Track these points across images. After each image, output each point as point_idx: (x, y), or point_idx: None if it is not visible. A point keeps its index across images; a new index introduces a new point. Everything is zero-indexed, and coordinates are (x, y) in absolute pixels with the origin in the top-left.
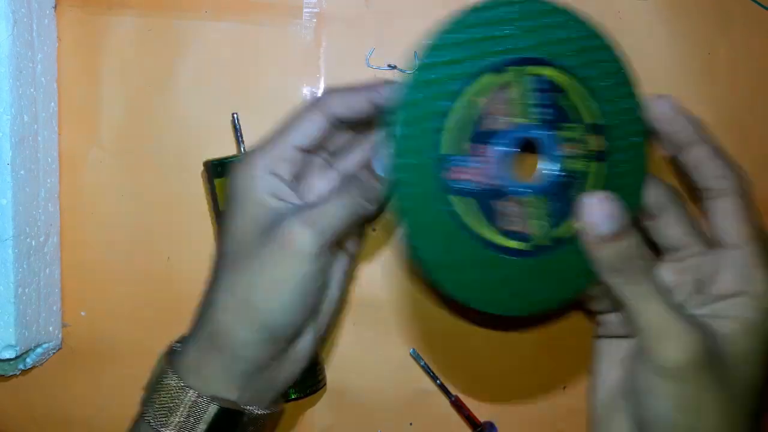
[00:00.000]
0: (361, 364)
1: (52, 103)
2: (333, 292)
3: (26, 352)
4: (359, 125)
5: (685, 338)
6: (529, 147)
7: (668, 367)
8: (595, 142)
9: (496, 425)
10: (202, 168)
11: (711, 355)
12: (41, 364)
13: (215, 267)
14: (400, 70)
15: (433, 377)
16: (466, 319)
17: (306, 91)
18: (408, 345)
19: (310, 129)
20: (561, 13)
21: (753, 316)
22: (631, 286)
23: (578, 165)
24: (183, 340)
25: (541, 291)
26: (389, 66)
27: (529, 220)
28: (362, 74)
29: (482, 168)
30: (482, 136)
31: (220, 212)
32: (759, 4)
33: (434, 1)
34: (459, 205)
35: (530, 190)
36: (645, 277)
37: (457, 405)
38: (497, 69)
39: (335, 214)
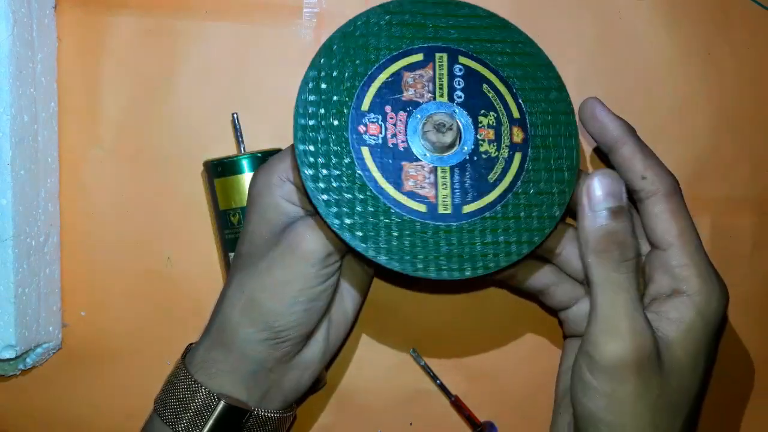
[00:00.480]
0: (361, 364)
1: (52, 103)
2: (346, 303)
3: (26, 352)
4: None
5: (637, 340)
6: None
7: (608, 365)
8: (518, 134)
9: (496, 425)
10: (202, 168)
11: (654, 362)
12: (41, 364)
13: (232, 266)
14: None
15: (433, 377)
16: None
17: None
18: (408, 345)
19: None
20: (495, 18)
21: (691, 317)
22: (609, 272)
23: (492, 150)
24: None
25: (448, 259)
26: None
27: (434, 187)
28: None
29: (396, 130)
30: (402, 104)
31: (220, 212)
32: (759, 4)
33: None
34: (368, 159)
35: (438, 161)
36: (630, 266)
37: (457, 405)
38: (426, 52)
39: None
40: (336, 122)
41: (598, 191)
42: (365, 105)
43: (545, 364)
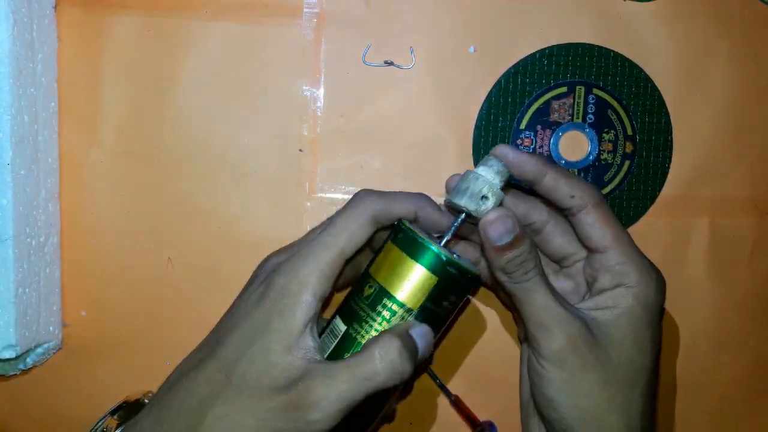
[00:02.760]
0: None
1: (53, 104)
2: None
3: (26, 352)
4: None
5: (563, 325)
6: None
7: (547, 352)
8: (629, 147)
9: (496, 425)
10: (202, 168)
11: (588, 340)
12: (41, 364)
13: (212, 379)
14: (397, 67)
15: (433, 377)
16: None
17: (306, 91)
18: None
19: (361, 238)
20: (622, 58)
21: (629, 303)
22: (518, 284)
23: (609, 158)
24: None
25: None
26: (386, 62)
27: None
28: (362, 74)
29: (542, 142)
30: (549, 124)
31: (365, 272)
32: (762, 0)
33: (434, 2)
34: None
35: (570, 165)
36: (532, 274)
37: (457, 405)
38: (568, 86)
39: (370, 388)
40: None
41: (494, 231)
42: (522, 124)
43: None
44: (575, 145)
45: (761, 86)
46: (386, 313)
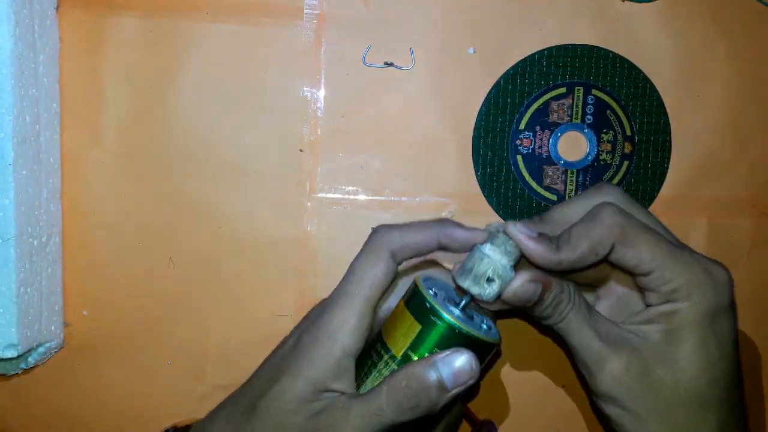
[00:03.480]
0: None
1: (54, 104)
2: None
3: (28, 352)
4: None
5: (606, 363)
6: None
7: (596, 390)
8: (627, 147)
9: (496, 425)
10: (202, 168)
11: (635, 370)
12: (43, 364)
13: (243, 414)
14: (397, 67)
15: None
16: None
17: (306, 91)
18: None
19: (384, 280)
20: (621, 59)
21: (684, 317)
22: (556, 324)
23: (608, 158)
24: None
25: None
26: (386, 63)
27: (564, 184)
28: (361, 74)
29: (541, 143)
30: (548, 124)
31: (379, 334)
32: (761, 1)
33: (434, 2)
34: (521, 163)
35: (569, 165)
36: (566, 312)
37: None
38: (568, 86)
39: (382, 426)
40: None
41: (516, 302)
42: (522, 125)
43: (545, 363)
44: (574, 145)
45: (760, 86)
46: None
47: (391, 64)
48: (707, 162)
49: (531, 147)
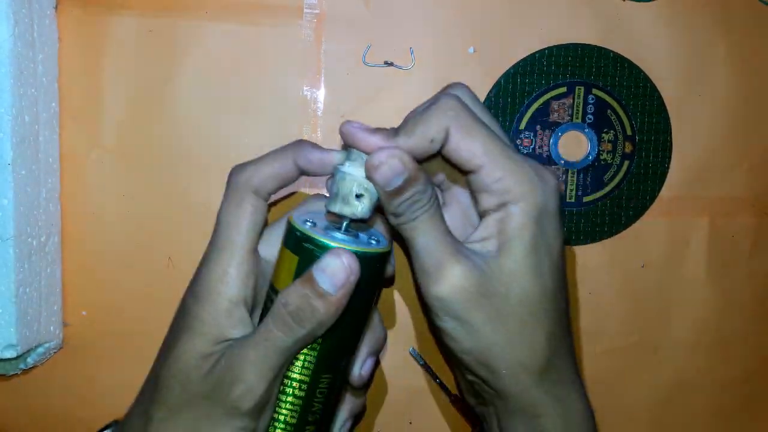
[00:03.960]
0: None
1: (53, 104)
2: None
3: (27, 352)
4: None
5: (446, 268)
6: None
7: (432, 300)
8: (628, 147)
9: None
10: (201, 168)
11: (472, 279)
12: (42, 364)
13: (148, 391)
14: (397, 67)
15: (433, 376)
16: None
17: (306, 91)
18: (407, 344)
19: (256, 221)
20: (621, 59)
21: (515, 223)
22: (406, 224)
23: (609, 158)
24: None
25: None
26: (385, 63)
27: (565, 183)
28: (361, 74)
29: (542, 143)
30: (549, 124)
31: (270, 282)
32: (761, 1)
33: (434, 2)
34: None
35: (570, 165)
36: (421, 212)
37: (457, 403)
38: (568, 86)
39: (277, 350)
40: None
41: (379, 179)
42: (522, 125)
43: None
44: (575, 145)
45: (761, 86)
46: None
47: (391, 64)
48: (708, 162)
49: (531, 147)
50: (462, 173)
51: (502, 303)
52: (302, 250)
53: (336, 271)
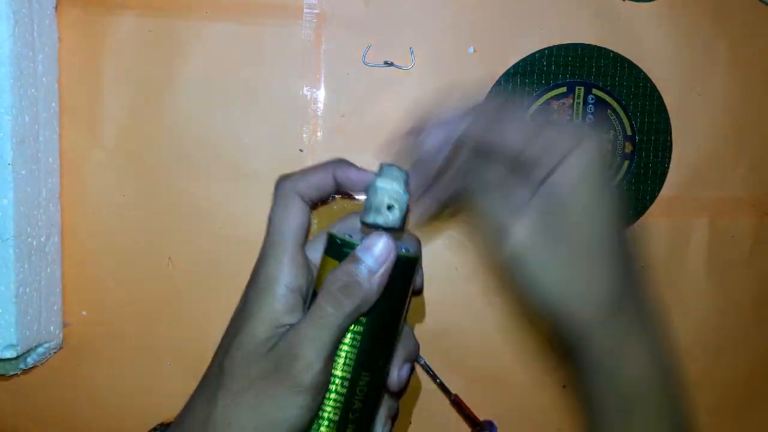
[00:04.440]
0: None
1: (53, 104)
2: None
3: (27, 352)
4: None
5: (519, 224)
6: None
7: (512, 249)
8: (628, 147)
9: (496, 424)
10: (201, 168)
11: (541, 226)
12: (42, 364)
13: (211, 379)
14: (397, 67)
15: (433, 376)
16: None
17: (306, 91)
18: None
19: (303, 220)
20: (621, 58)
21: (566, 182)
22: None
23: (609, 158)
24: None
25: None
26: (385, 63)
27: None
28: (361, 74)
29: None
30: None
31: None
32: (762, 1)
33: (434, 2)
34: None
35: None
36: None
37: (457, 403)
38: (568, 86)
39: (330, 326)
40: None
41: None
42: None
43: (545, 363)
44: None
45: (761, 86)
46: None
47: (391, 64)
48: (708, 162)
49: None
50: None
51: (567, 239)
52: (342, 255)
53: (378, 249)
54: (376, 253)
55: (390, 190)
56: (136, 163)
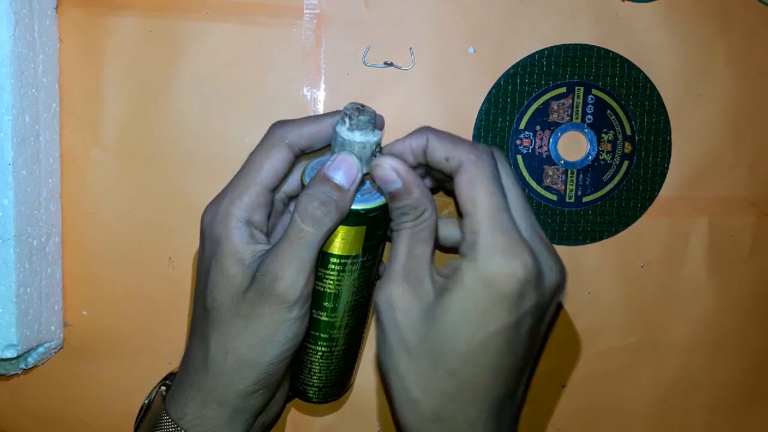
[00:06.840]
0: (361, 364)
1: (54, 104)
2: None
3: (28, 352)
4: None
5: (394, 288)
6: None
7: (375, 300)
8: (628, 147)
9: None
10: (201, 168)
11: (425, 312)
12: (43, 364)
13: (198, 322)
14: (397, 67)
15: None
16: None
17: (306, 91)
18: None
19: (278, 167)
20: (621, 59)
21: (467, 277)
22: (393, 232)
23: (608, 158)
24: (175, 384)
25: (568, 233)
26: (385, 63)
27: (564, 184)
28: (361, 74)
29: (541, 143)
30: (548, 124)
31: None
32: (761, 1)
33: (434, 2)
34: (521, 163)
35: (569, 165)
36: (403, 228)
37: None
38: (568, 86)
39: (309, 244)
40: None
41: (386, 176)
42: (522, 125)
43: (545, 363)
44: (574, 145)
45: (760, 86)
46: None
47: (391, 64)
48: (707, 162)
49: (531, 147)
50: (459, 214)
51: (428, 336)
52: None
53: (349, 167)
54: (345, 170)
55: (367, 141)
56: (136, 163)
